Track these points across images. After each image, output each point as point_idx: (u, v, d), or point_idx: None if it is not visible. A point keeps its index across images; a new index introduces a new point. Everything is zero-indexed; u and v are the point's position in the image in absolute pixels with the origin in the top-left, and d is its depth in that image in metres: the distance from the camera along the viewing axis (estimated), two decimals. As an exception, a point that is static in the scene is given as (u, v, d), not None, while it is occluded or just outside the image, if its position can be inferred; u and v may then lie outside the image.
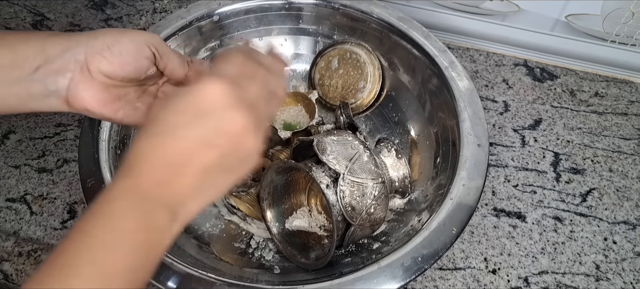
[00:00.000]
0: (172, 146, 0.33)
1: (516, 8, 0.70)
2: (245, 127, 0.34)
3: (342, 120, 0.61)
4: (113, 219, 0.31)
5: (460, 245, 0.58)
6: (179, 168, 0.33)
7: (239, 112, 0.34)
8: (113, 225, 0.31)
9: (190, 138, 0.33)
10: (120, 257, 0.30)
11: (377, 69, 0.65)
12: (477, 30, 0.74)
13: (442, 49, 0.61)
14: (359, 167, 0.50)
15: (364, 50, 0.65)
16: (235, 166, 0.36)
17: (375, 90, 0.66)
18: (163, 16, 0.79)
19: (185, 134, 0.33)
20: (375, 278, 0.45)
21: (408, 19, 0.64)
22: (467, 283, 0.55)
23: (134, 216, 0.31)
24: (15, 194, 0.61)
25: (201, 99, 0.33)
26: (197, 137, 0.33)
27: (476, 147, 0.53)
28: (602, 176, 0.64)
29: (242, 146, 0.35)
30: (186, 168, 0.33)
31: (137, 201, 0.32)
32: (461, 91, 0.57)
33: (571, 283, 0.55)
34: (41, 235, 0.58)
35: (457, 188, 0.50)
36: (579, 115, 0.70)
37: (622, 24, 0.67)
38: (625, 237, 0.59)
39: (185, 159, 0.33)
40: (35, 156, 0.64)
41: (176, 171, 0.33)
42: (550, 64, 0.75)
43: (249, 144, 0.35)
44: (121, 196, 0.32)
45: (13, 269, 0.54)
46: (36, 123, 0.67)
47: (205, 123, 0.33)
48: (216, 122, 0.34)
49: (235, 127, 0.34)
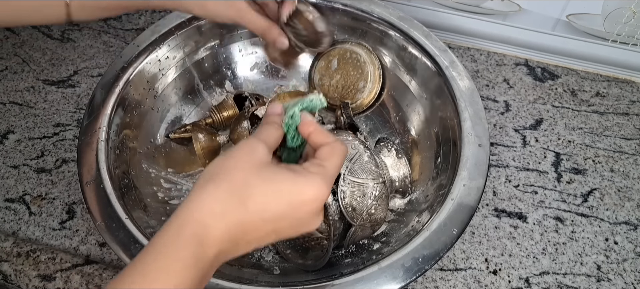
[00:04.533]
0: (253, 231, 0.35)
1: (517, 7, 0.69)
2: (317, 225, 0.38)
3: (342, 120, 0.61)
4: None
5: (461, 246, 0.57)
6: (244, 243, 0.35)
7: (321, 216, 0.37)
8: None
9: (269, 226, 0.35)
10: None
11: (378, 69, 0.65)
12: (478, 30, 0.74)
13: (442, 49, 0.61)
14: (359, 167, 0.50)
15: (364, 49, 0.65)
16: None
17: (375, 90, 0.65)
18: (163, 15, 0.79)
19: (273, 224, 0.35)
20: (375, 278, 0.45)
21: (408, 18, 0.64)
22: (468, 283, 0.55)
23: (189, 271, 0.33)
24: (14, 194, 0.61)
25: (304, 201, 0.35)
26: (278, 228, 0.36)
27: (477, 147, 0.53)
28: (604, 176, 0.64)
29: (301, 232, 0.38)
30: (250, 244, 0.36)
31: (196, 263, 0.33)
32: (462, 91, 0.57)
33: (572, 283, 0.55)
34: (40, 235, 0.58)
35: (457, 188, 0.50)
36: (580, 115, 0.69)
37: (623, 23, 0.67)
38: (627, 237, 0.59)
39: (256, 239, 0.35)
40: (34, 157, 0.64)
41: (240, 245, 0.35)
42: (551, 64, 0.75)
43: (308, 230, 0.38)
44: (184, 257, 0.33)
45: (12, 270, 0.54)
46: (35, 123, 0.67)
47: (293, 221, 0.36)
48: (302, 222, 0.36)
49: (310, 228, 0.37)
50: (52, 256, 0.55)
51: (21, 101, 0.70)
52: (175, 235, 0.33)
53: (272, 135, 0.39)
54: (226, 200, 0.34)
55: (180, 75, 0.64)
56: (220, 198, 0.34)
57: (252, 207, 0.34)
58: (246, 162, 0.35)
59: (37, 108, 0.69)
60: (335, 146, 0.38)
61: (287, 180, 0.35)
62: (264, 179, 0.35)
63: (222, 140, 0.61)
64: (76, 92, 0.71)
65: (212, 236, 0.33)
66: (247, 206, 0.34)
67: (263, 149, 0.37)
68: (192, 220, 0.33)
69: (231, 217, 0.34)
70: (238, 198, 0.34)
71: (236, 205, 0.34)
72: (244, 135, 0.59)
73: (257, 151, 0.36)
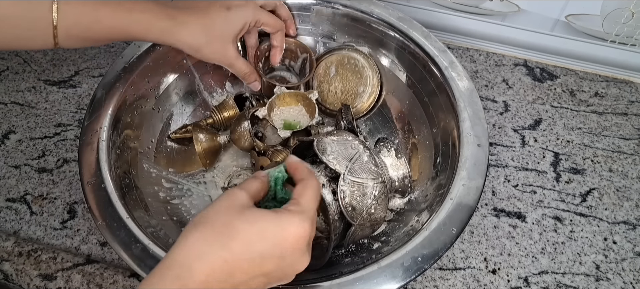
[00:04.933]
0: (239, 273, 0.35)
1: (516, 8, 0.70)
2: (305, 265, 0.38)
3: (342, 125, 0.61)
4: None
5: (460, 245, 0.58)
6: (230, 286, 0.35)
7: (307, 256, 0.38)
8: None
9: (256, 268, 0.35)
10: None
11: (376, 73, 0.65)
12: (477, 30, 0.74)
13: (442, 49, 0.61)
14: (359, 167, 0.50)
15: (362, 55, 0.65)
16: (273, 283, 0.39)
17: (374, 94, 0.66)
18: (163, 16, 0.79)
19: (259, 266, 0.35)
20: (375, 278, 0.45)
21: (408, 19, 0.64)
22: (467, 283, 0.55)
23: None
24: (15, 194, 0.61)
25: (286, 238, 0.36)
26: (265, 271, 0.36)
27: (476, 147, 0.53)
28: (602, 176, 0.64)
29: (292, 275, 0.38)
30: (238, 287, 0.36)
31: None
32: (461, 91, 0.57)
33: (571, 283, 0.55)
34: (41, 235, 0.58)
35: (457, 188, 0.50)
36: (578, 115, 0.70)
37: (622, 24, 0.67)
38: (625, 237, 0.59)
39: (243, 283, 0.36)
40: (35, 156, 0.64)
41: (225, 283, 0.35)
42: (550, 64, 0.75)
43: (298, 271, 0.38)
44: None
45: (13, 269, 0.54)
46: (36, 123, 0.67)
47: (280, 261, 0.36)
48: (288, 262, 0.37)
49: (299, 268, 0.38)
50: (53, 256, 0.55)
51: (22, 101, 0.70)
52: (159, 279, 0.34)
53: (254, 185, 0.40)
54: (209, 242, 0.35)
55: (181, 76, 0.64)
56: (203, 241, 0.35)
57: (236, 248, 0.34)
58: (228, 207, 0.37)
59: (39, 108, 0.69)
60: (307, 183, 0.40)
61: (269, 220, 0.36)
62: (247, 221, 0.36)
63: (222, 140, 0.62)
64: (77, 92, 0.71)
65: (196, 278, 0.33)
66: (231, 247, 0.34)
67: (244, 195, 0.38)
68: (176, 264, 0.34)
69: (215, 258, 0.34)
70: (222, 239, 0.35)
71: (220, 246, 0.34)
72: (244, 135, 0.59)
73: (239, 197, 0.37)
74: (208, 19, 0.53)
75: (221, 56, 0.56)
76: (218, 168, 0.63)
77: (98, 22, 0.48)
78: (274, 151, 0.59)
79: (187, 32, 0.52)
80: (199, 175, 0.62)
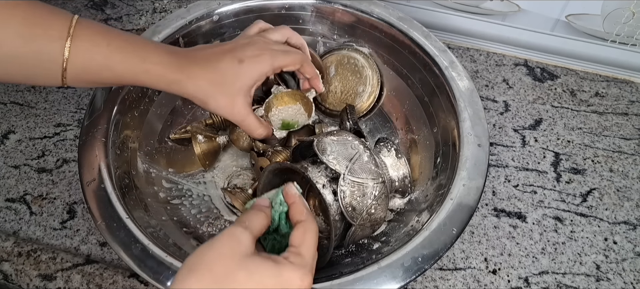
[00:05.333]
0: None
1: (516, 8, 0.70)
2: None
3: (348, 125, 0.61)
4: None
5: (460, 245, 0.58)
6: None
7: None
8: None
9: None
10: None
11: (376, 73, 0.65)
12: (477, 30, 0.74)
13: (442, 49, 0.61)
14: (359, 167, 0.50)
15: (362, 54, 0.65)
16: None
17: (374, 94, 0.66)
18: (163, 16, 0.79)
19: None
20: (375, 278, 0.45)
21: (408, 18, 0.64)
22: (468, 283, 0.55)
23: None
24: (15, 194, 0.61)
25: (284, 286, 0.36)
26: None
27: (476, 147, 0.53)
28: (603, 176, 0.64)
29: None
30: None
31: None
32: (461, 91, 0.57)
33: (571, 283, 0.55)
34: (41, 235, 0.58)
35: (457, 188, 0.50)
36: (579, 115, 0.69)
37: (623, 23, 0.67)
38: (626, 237, 0.59)
39: None
40: (34, 156, 0.64)
41: None
42: (551, 64, 0.75)
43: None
44: None
45: (13, 270, 0.54)
46: (36, 123, 0.67)
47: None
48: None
49: None
50: (52, 256, 0.55)
51: (22, 101, 0.70)
52: None
53: (257, 222, 0.39)
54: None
55: (181, 76, 0.64)
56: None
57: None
58: (228, 253, 0.36)
59: (38, 108, 0.69)
60: (306, 227, 0.40)
61: (270, 273, 0.36)
62: (247, 271, 0.35)
63: (221, 141, 0.61)
64: (77, 92, 0.71)
65: None
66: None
67: (247, 238, 0.37)
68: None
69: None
70: (225, 277, 0.34)
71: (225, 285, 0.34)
72: (243, 135, 0.59)
73: (241, 242, 0.37)
74: (217, 74, 0.50)
75: (229, 112, 0.52)
76: (218, 168, 0.63)
77: (109, 69, 0.46)
78: (274, 152, 0.59)
79: (194, 87, 0.50)
80: (199, 175, 0.62)
